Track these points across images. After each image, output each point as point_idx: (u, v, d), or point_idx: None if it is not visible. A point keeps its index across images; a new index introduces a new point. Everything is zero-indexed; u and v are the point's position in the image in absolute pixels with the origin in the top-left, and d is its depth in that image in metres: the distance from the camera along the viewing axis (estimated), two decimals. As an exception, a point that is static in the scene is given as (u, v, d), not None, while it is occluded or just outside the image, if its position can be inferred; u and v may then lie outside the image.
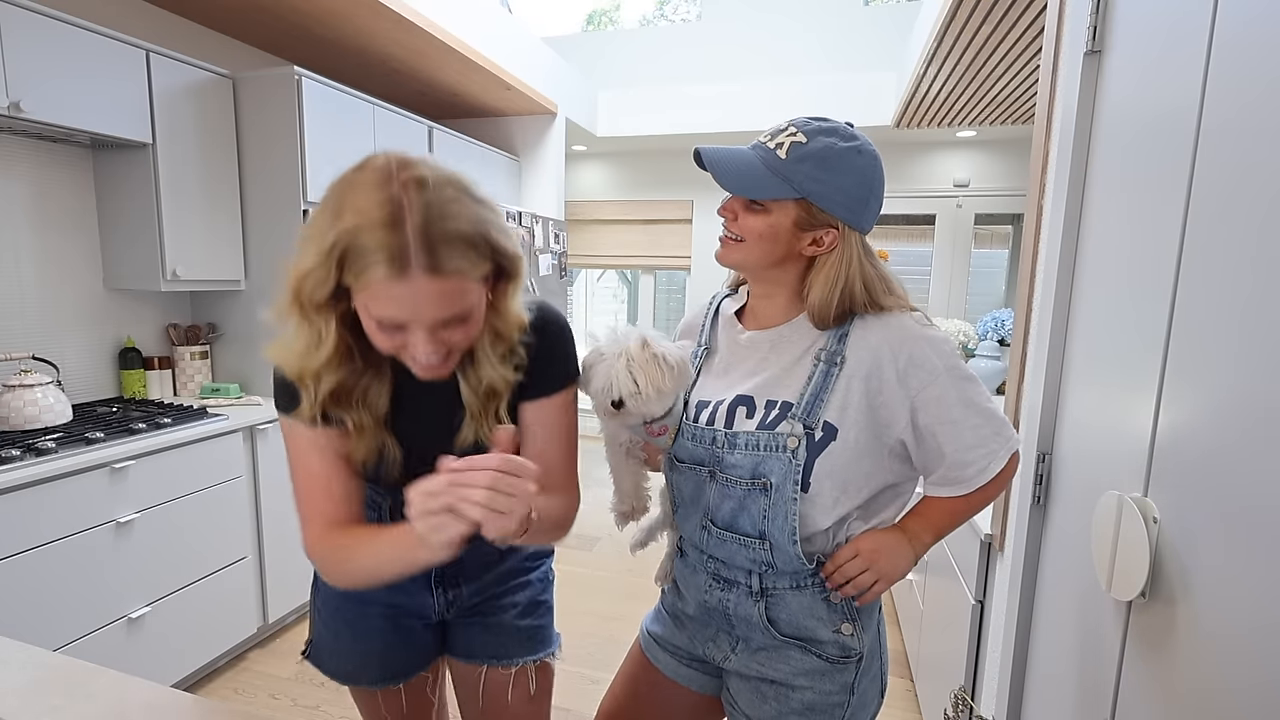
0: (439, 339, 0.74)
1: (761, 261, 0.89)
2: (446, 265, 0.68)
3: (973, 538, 1.44)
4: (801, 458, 0.85)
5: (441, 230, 0.68)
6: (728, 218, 0.90)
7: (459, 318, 0.73)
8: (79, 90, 1.89)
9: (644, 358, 0.89)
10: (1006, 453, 0.86)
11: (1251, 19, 0.66)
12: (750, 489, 0.88)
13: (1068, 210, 1.06)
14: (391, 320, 0.71)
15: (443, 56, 2.91)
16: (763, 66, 4.44)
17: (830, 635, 0.90)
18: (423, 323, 0.71)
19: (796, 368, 0.89)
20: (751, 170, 0.85)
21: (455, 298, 0.71)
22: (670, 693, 1.04)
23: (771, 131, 0.88)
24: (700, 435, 0.92)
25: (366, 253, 0.66)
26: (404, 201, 0.67)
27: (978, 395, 0.85)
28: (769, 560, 0.89)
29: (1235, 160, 0.67)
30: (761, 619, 0.92)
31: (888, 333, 0.85)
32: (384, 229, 0.66)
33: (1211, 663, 0.66)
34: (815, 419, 0.85)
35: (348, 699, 1.04)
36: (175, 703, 0.79)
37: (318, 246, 0.68)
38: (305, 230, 0.72)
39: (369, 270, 0.67)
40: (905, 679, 2.21)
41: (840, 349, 0.87)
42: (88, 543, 1.73)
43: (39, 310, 2.12)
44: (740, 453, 0.88)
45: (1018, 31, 2.33)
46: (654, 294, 5.30)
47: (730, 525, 0.91)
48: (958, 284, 4.53)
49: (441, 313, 0.71)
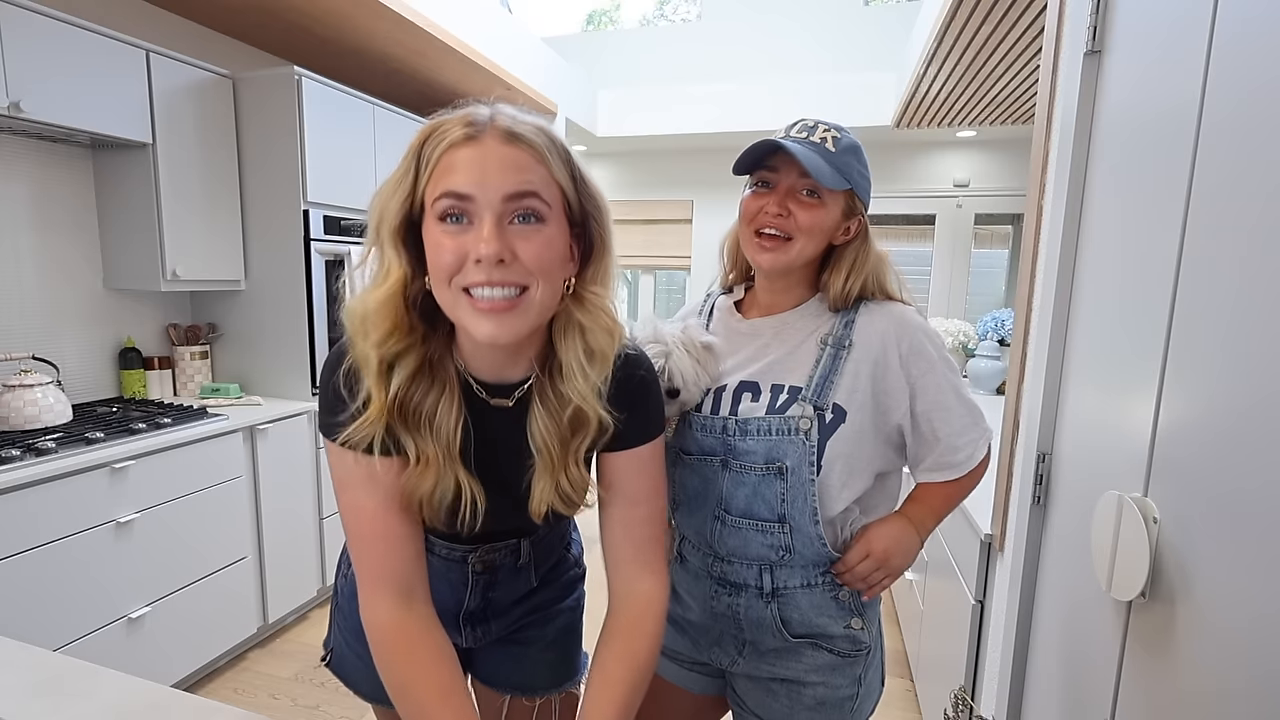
0: (505, 237, 0.64)
1: (812, 255, 0.91)
2: (521, 137, 0.66)
3: (973, 538, 1.44)
4: (815, 439, 0.87)
5: (519, 119, 0.68)
6: (776, 214, 0.87)
7: (531, 209, 0.65)
8: (79, 90, 1.89)
9: (698, 347, 0.93)
10: (985, 442, 0.93)
11: (1251, 19, 0.66)
12: (765, 474, 0.88)
13: (1068, 210, 1.06)
14: (457, 191, 0.64)
15: (443, 56, 2.91)
16: (763, 66, 4.44)
17: (842, 630, 0.92)
18: (490, 195, 0.63)
19: (800, 352, 0.91)
20: (818, 163, 0.85)
21: (527, 171, 0.65)
22: (670, 696, 1.04)
23: (801, 127, 0.90)
24: (710, 425, 0.92)
25: (444, 131, 0.66)
26: (484, 108, 0.68)
27: (963, 387, 0.92)
28: (788, 544, 0.90)
29: (1235, 160, 0.67)
30: (775, 621, 0.92)
31: (891, 320, 0.89)
32: (461, 119, 0.67)
33: (1211, 663, 0.66)
34: (825, 401, 0.87)
35: (348, 699, 1.04)
36: (175, 703, 0.79)
37: (402, 160, 0.68)
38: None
39: (443, 144, 0.65)
40: (905, 679, 2.21)
41: (847, 334, 0.89)
42: (88, 543, 1.73)
43: (39, 310, 2.12)
44: (753, 439, 0.89)
45: (1018, 31, 2.33)
46: (654, 294, 5.30)
47: (746, 512, 0.91)
48: (958, 284, 4.53)
49: (511, 184, 0.64)
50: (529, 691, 0.98)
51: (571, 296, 0.73)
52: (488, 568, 0.90)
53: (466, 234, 0.65)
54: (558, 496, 0.77)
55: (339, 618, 1.00)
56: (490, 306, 0.65)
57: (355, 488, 0.75)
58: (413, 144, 0.68)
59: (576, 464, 0.77)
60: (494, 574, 0.91)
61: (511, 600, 0.95)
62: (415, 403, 0.72)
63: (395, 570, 0.76)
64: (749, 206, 0.91)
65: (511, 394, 0.76)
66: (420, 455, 0.72)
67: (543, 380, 0.75)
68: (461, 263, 0.65)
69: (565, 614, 1.00)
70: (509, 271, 0.65)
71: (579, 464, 0.77)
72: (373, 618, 0.76)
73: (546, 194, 0.66)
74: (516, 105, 0.70)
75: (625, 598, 0.82)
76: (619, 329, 0.75)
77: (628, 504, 0.80)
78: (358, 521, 0.76)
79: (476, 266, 0.64)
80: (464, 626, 0.94)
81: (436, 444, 0.72)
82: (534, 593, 0.96)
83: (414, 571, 0.77)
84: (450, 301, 0.67)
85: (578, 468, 0.77)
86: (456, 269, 0.65)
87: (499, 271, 0.64)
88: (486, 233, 0.64)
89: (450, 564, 0.89)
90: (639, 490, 0.80)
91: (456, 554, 0.88)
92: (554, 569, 0.98)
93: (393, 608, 0.75)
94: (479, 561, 0.89)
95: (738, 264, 1.03)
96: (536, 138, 0.67)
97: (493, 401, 0.76)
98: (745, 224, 0.92)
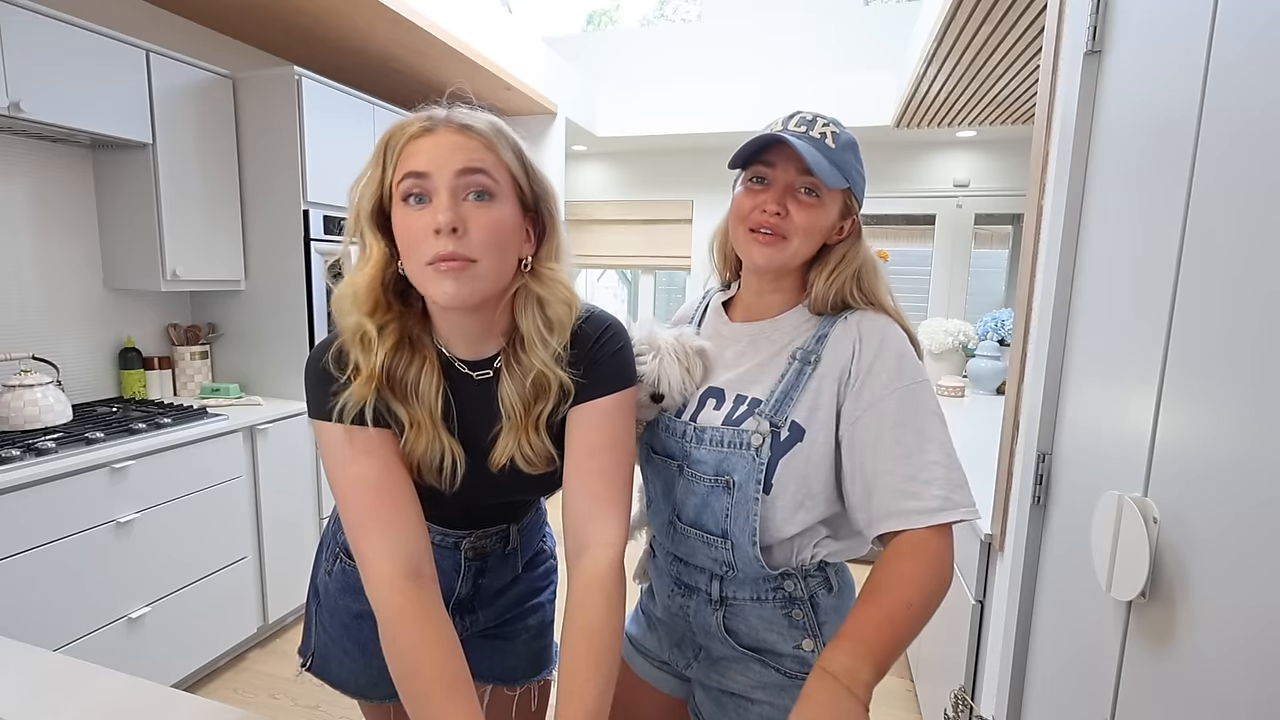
0: (459, 209, 0.72)
1: (807, 256, 0.87)
2: (472, 128, 0.75)
3: (973, 538, 1.44)
4: (765, 457, 0.82)
5: (471, 115, 0.77)
6: (775, 212, 0.83)
7: (481, 185, 0.73)
8: (79, 90, 1.89)
9: (687, 352, 0.91)
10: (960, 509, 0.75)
11: (1251, 19, 0.66)
12: (714, 486, 0.85)
13: (1068, 210, 1.06)
14: (416, 170, 0.72)
15: (443, 56, 2.91)
16: (763, 66, 4.44)
17: (790, 650, 0.87)
18: (444, 172, 0.72)
19: (771, 364, 0.87)
20: (820, 159, 0.81)
21: (479, 154, 0.74)
22: (642, 693, 1.03)
23: (799, 120, 0.85)
24: (672, 427, 0.90)
25: (405, 128, 0.75)
26: (441, 109, 0.77)
27: (932, 426, 0.78)
28: (729, 560, 0.86)
29: (1235, 159, 0.67)
30: (720, 629, 0.89)
31: (867, 332, 0.84)
32: (420, 117, 0.76)
33: (1211, 662, 0.66)
34: (782, 417, 0.83)
35: (348, 699, 1.03)
36: (175, 703, 0.79)
37: (371, 155, 0.77)
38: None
39: (404, 137, 0.74)
40: (905, 679, 2.21)
41: (818, 349, 0.85)
42: (88, 543, 1.73)
43: (39, 310, 2.12)
44: (706, 448, 0.86)
45: (1018, 31, 2.33)
46: (654, 294, 5.30)
47: (695, 522, 0.89)
48: (958, 284, 4.53)
49: (461, 160, 0.72)
50: (510, 681, 1.04)
51: (530, 273, 0.80)
52: (479, 554, 0.96)
53: (426, 211, 0.73)
54: (519, 454, 0.83)
55: (322, 616, 1.02)
56: (448, 267, 0.72)
57: (353, 462, 0.78)
58: (379, 141, 0.77)
59: (538, 430, 0.83)
60: (485, 560, 0.97)
61: (498, 588, 1.01)
62: (400, 374, 0.79)
63: (403, 544, 0.76)
64: (743, 203, 0.86)
65: (489, 367, 0.84)
66: (412, 421, 0.80)
67: (509, 351, 0.82)
68: (424, 236, 0.73)
69: (546, 608, 1.08)
70: (460, 244, 0.72)
71: (540, 430, 0.83)
72: (385, 597, 0.75)
73: (496, 174, 0.75)
74: (470, 105, 0.79)
75: (578, 557, 0.80)
76: (575, 300, 0.82)
77: (584, 454, 0.82)
78: (360, 497, 0.77)
79: (436, 238, 0.72)
80: (454, 616, 0.96)
81: (421, 410, 0.80)
82: (517, 580, 1.03)
83: (421, 550, 0.78)
84: (419, 274, 0.75)
85: (539, 434, 0.83)
86: (421, 242, 0.73)
87: (454, 241, 0.72)
88: (442, 203, 0.72)
89: (444, 551, 0.94)
90: (594, 440, 0.82)
91: (450, 540, 0.94)
92: (534, 558, 1.06)
93: (404, 584, 0.75)
94: (471, 548, 0.95)
95: (728, 261, 1.00)
96: (486, 128, 0.76)
97: (475, 375, 0.84)
98: (738, 221, 0.87)
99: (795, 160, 0.82)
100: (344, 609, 0.98)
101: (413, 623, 0.74)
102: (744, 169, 0.89)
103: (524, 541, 1.01)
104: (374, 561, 0.76)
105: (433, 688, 0.72)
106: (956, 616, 1.53)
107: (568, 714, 0.71)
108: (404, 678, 0.73)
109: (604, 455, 0.81)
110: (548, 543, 1.10)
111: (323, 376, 0.79)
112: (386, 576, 0.75)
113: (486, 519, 0.95)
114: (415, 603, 0.75)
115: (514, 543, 0.99)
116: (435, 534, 0.92)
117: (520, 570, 1.03)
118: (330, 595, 1.00)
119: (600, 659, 0.74)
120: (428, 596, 0.76)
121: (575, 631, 0.76)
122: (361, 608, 0.78)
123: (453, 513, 0.92)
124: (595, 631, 0.76)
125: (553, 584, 1.10)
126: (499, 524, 0.97)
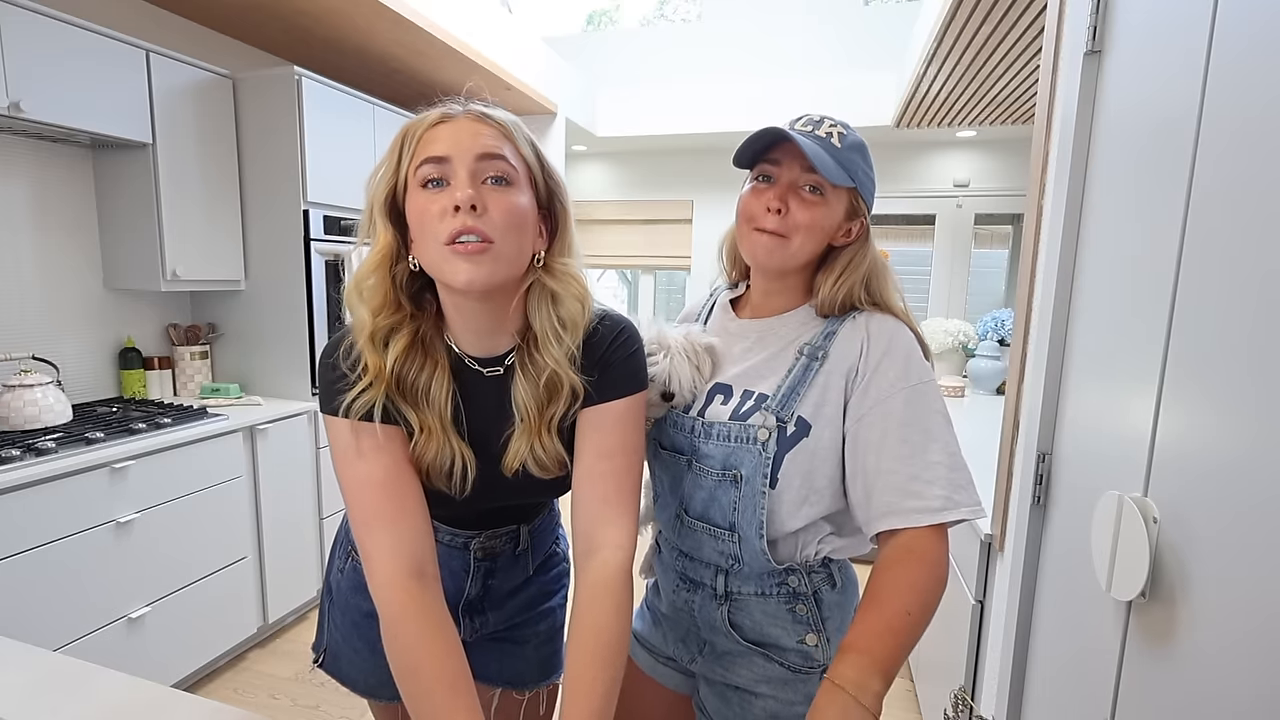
0: (479, 192, 0.72)
1: (810, 255, 0.87)
2: (490, 117, 0.76)
3: (973, 538, 1.44)
4: (771, 451, 0.83)
5: (489, 107, 0.78)
6: (777, 209, 0.83)
7: (500, 171, 0.74)
8: (79, 90, 1.89)
9: (696, 350, 0.91)
10: (964, 507, 0.75)
11: (1251, 19, 0.66)
12: (721, 480, 0.86)
13: (1068, 210, 1.06)
14: (435, 155, 0.73)
15: (443, 56, 2.91)
16: (763, 66, 4.44)
17: (794, 644, 0.88)
18: (464, 155, 0.72)
19: (778, 360, 0.88)
20: (823, 156, 0.81)
21: (498, 141, 0.74)
22: (646, 689, 1.03)
23: (806, 121, 0.86)
24: (681, 423, 0.91)
25: (423, 119, 0.76)
26: (458, 103, 0.78)
27: (939, 427, 0.79)
28: (736, 553, 0.87)
29: (1235, 159, 0.67)
30: (724, 623, 0.90)
31: (876, 331, 0.84)
32: (439, 110, 0.77)
33: (1211, 662, 0.66)
34: (789, 412, 0.83)
35: (348, 699, 1.04)
36: (175, 703, 0.79)
37: (389, 148, 0.78)
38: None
39: (422, 127, 0.75)
40: (905, 679, 2.21)
41: (826, 344, 0.85)
42: (88, 543, 1.73)
43: (39, 310, 2.12)
44: (714, 443, 0.87)
45: (1018, 31, 2.33)
46: (654, 294, 5.30)
47: (702, 515, 0.89)
48: (958, 284, 4.53)
49: (481, 145, 0.73)
50: (519, 686, 1.02)
51: (543, 268, 0.80)
52: (489, 554, 0.95)
53: (444, 193, 0.73)
54: (531, 458, 0.82)
55: (334, 614, 1.01)
56: (466, 249, 0.71)
57: (361, 459, 0.77)
58: (396, 135, 0.77)
59: (550, 432, 0.82)
60: (494, 560, 0.96)
61: (508, 589, 0.99)
62: (411, 379, 0.78)
63: (407, 544, 0.76)
64: (748, 204, 0.87)
65: (500, 364, 0.83)
66: (422, 425, 0.79)
67: (523, 349, 0.82)
68: (442, 215, 0.72)
69: (557, 613, 1.05)
70: (480, 220, 0.71)
71: (553, 432, 0.82)
72: (387, 595, 0.75)
73: (514, 162, 0.76)
74: (486, 103, 0.80)
75: (587, 558, 0.80)
76: (589, 296, 0.81)
77: (595, 456, 0.81)
78: (366, 495, 0.77)
79: (455, 215, 0.71)
80: (463, 618, 0.96)
81: (431, 414, 0.79)
82: (528, 583, 1.00)
83: (425, 549, 0.78)
84: (435, 256, 0.73)
85: (550, 436, 0.82)
86: (439, 221, 0.72)
87: (473, 218, 0.71)
88: (462, 182, 0.72)
89: (453, 551, 0.93)
90: (605, 444, 0.81)
91: (459, 540, 0.93)
92: (546, 560, 1.03)
93: (407, 582, 0.75)
94: (480, 548, 0.94)
95: (736, 265, 1.01)
96: (504, 119, 0.77)
97: (486, 372, 0.83)
98: (743, 222, 0.88)
99: (800, 158, 0.83)
100: (355, 607, 0.97)
101: (414, 621, 0.74)
102: (750, 168, 0.90)
103: (535, 543, 1.00)
104: (378, 559, 0.75)
105: (434, 686, 0.71)
106: (956, 616, 1.53)
107: (573, 714, 0.71)
108: (405, 676, 0.73)
109: (616, 459, 0.81)
110: (561, 545, 1.08)
111: (333, 372, 0.78)
112: (390, 574, 0.75)
113: (496, 519, 0.95)
114: (418, 601, 0.74)
115: (524, 544, 0.98)
116: (444, 534, 0.92)
117: (531, 572, 1.01)
118: (342, 593, 1.00)
119: (607, 660, 0.74)
120: (430, 596, 0.76)
121: (583, 632, 0.76)
122: (371, 607, 0.78)
123: (461, 513, 0.91)
124: (603, 633, 0.76)
125: (564, 588, 1.07)
126: (509, 525, 0.96)
